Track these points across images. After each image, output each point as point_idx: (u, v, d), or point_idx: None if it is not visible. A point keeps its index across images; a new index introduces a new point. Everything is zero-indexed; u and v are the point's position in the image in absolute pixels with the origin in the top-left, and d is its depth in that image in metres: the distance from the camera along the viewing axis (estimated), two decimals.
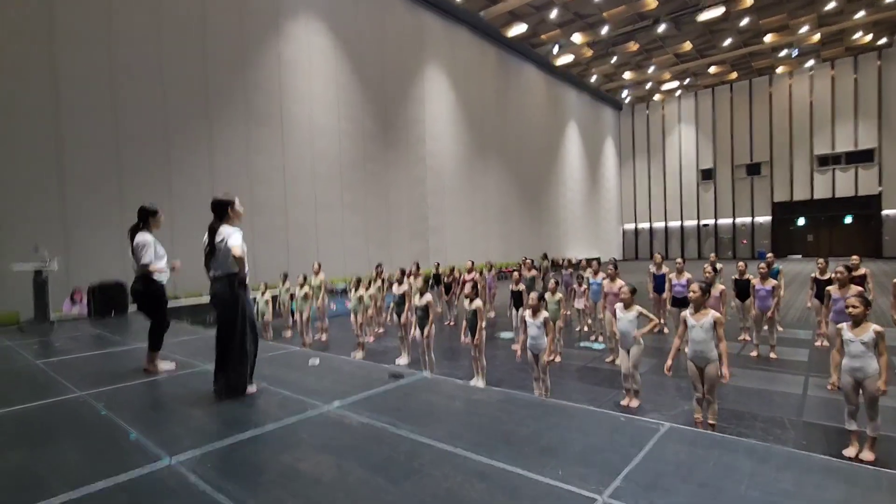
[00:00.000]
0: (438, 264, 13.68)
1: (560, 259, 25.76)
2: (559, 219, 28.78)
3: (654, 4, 20.39)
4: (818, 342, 7.49)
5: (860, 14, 22.22)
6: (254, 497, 2.08)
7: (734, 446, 2.41)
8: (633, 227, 36.42)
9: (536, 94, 26.68)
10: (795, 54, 26.32)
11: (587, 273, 8.67)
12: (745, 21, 22.28)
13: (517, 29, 22.49)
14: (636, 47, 24.97)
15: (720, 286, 6.82)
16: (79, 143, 9.98)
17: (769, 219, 30.81)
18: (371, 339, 9.03)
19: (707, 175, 32.98)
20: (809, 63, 28.69)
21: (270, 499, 2.07)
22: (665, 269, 8.59)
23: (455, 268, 11.74)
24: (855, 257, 7.30)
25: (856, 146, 27.90)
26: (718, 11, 20.84)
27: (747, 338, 7.82)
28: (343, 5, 15.67)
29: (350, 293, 8.03)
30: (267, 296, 9.39)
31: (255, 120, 13.16)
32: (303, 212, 14.35)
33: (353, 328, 7.83)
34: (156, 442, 2.69)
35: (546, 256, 14.45)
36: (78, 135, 9.97)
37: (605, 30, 22.56)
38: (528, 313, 4.82)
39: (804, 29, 23.51)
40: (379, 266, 11.89)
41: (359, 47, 16.16)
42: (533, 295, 4.79)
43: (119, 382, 4.01)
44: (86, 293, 8.64)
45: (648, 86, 32.31)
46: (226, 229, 3.29)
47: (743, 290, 7.62)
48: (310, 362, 4.59)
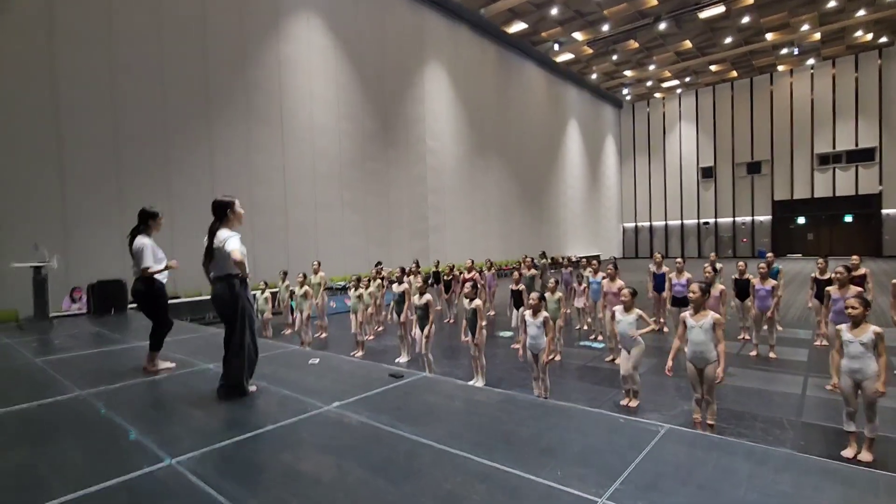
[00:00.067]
0: (438, 262, 13.69)
1: (560, 257, 25.79)
2: (559, 217, 28.77)
3: (655, 2, 20.34)
4: (817, 342, 7.50)
5: (861, 13, 22.18)
6: (254, 497, 2.09)
7: (733, 448, 2.42)
8: (634, 225, 36.41)
9: (537, 92, 26.63)
10: (796, 53, 26.28)
11: (587, 272, 8.68)
12: (745, 19, 22.24)
13: (517, 26, 22.45)
14: (636, 45, 24.93)
15: (720, 286, 6.82)
16: (78, 143, 9.97)
17: (769, 217, 30.80)
18: (371, 338, 9.04)
19: (707, 173, 32.96)
20: (810, 62, 28.64)
21: (271, 499, 2.08)
22: (665, 269, 8.59)
23: (455, 266, 11.76)
24: (855, 257, 7.30)
25: (856, 145, 27.88)
26: (719, 9, 20.81)
27: (747, 337, 7.83)
28: (343, 4, 15.62)
29: (350, 292, 8.02)
30: (266, 293, 9.42)
31: (254, 119, 13.14)
32: (302, 211, 14.35)
33: (353, 328, 7.83)
34: (156, 442, 2.70)
35: (545, 255, 14.45)
36: (78, 134, 9.95)
37: (605, 27, 22.52)
38: (529, 313, 4.84)
39: (805, 27, 23.47)
40: (378, 264, 11.92)
41: (359, 46, 16.13)
42: (534, 295, 4.80)
43: (119, 381, 4.02)
44: (85, 291, 8.67)
45: (649, 84, 32.25)
46: (223, 233, 3.30)
47: (743, 289, 7.62)
48: (309, 361, 4.60)
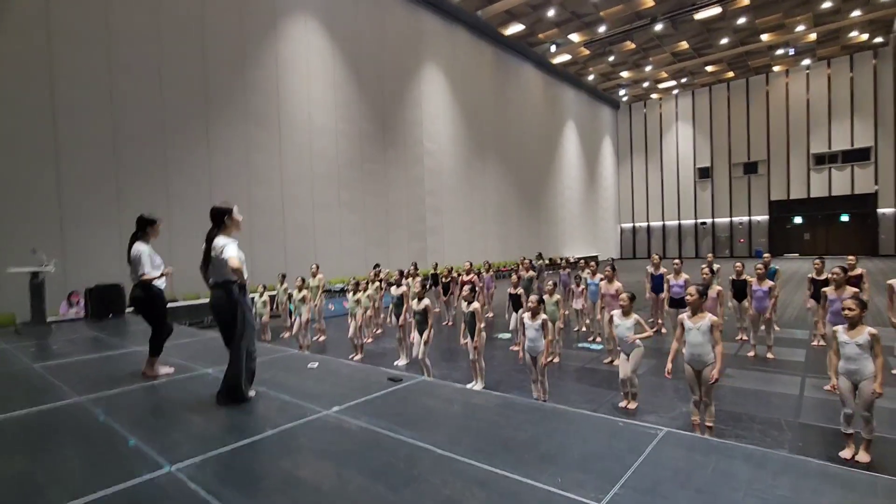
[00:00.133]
0: (437, 265, 13.70)
1: (558, 258, 25.83)
2: (557, 218, 28.82)
3: (651, 3, 20.41)
4: (815, 342, 7.53)
5: (855, 13, 22.30)
6: None
7: (731, 452, 2.43)
8: (631, 225, 36.48)
9: (534, 94, 26.68)
10: (792, 53, 26.41)
11: (585, 273, 8.69)
12: (741, 20, 22.34)
13: (514, 28, 22.49)
14: (633, 46, 25.00)
15: (717, 287, 6.85)
16: (76, 144, 9.94)
17: (766, 217, 30.92)
18: (369, 341, 9.04)
19: (704, 174, 33.07)
20: (806, 62, 28.78)
21: None
22: (663, 270, 8.62)
23: (453, 268, 11.76)
24: (851, 257, 7.33)
25: (852, 145, 28.02)
26: (715, 10, 20.89)
27: (744, 338, 7.85)
28: (341, 6, 15.63)
29: (348, 296, 8.01)
30: (265, 297, 9.41)
31: (253, 120, 13.13)
32: (301, 212, 14.34)
33: (350, 332, 7.78)
34: (155, 449, 2.70)
35: (541, 256, 14.48)
36: (76, 135, 9.92)
37: (602, 29, 22.58)
38: (527, 316, 4.85)
39: (800, 28, 23.58)
40: (377, 266, 11.92)
41: (357, 47, 16.13)
42: (533, 298, 4.81)
43: (117, 387, 4.01)
44: (83, 295, 8.63)
45: (646, 84, 32.35)
46: (221, 241, 3.30)
47: (740, 290, 7.65)
48: (308, 366, 4.60)
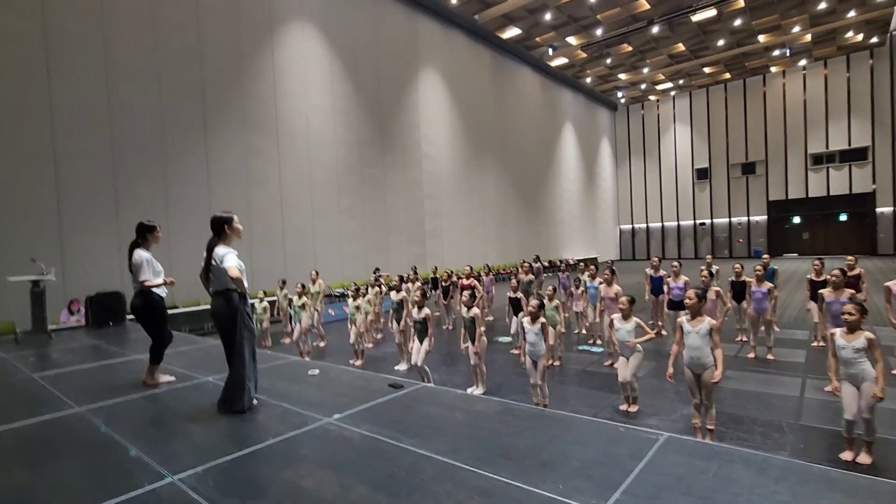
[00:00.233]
0: (436, 269, 13.71)
1: (558, 261, 25.85)
2: (556, 220, 28.85)
3: (648, 6, 20.50)
4: (815, 343, 7.54)
5: (851, 14, 22.40)
6: None
7: (732, 456, 2.43)
8: (630, 227, 36.52)
9: (532, 96, 26.76)
10: (788, 54, 26.50)
11: (584, 276, 8.70)
12: (737, 22, 22.43)
13: (511, 32, 22.57)
14: (630, 49, 25.09)
15: (715, 288, 6.86)
16: (75, 152, 9.95)
17: (765, 217, 30.96)
18: (370, 346, 9.04)
19: (703, 174, 33.13)
20: (802, 63, 28.88)
21: None
22: (662, 272, 8.63)
23: (453, 272, 11.76)
24: (850, 257, 7.34)
25: (849, 144, 28.10)
26: (711, 13, 20.98)
27: (744, 339, 7.86)
28: (338, 12, 15.69)
29: (348, 301, 8.01)
30: (265, 303, 9.40)
31: (251, 126, 13.15)
32: (300, 217, 14.35)
33: (351, 338, 7.80)
34: (157, 459, 2.69)
35: (538, 258, 14.51)
36: (74, 143, 9.93)
37: (599, 32, 22.66)
38: (527, 320, 4.84)
39: (796, 29, 23.68)
40: (377, 271, 11.92)
41: (354, 53, 16.18)
42: (533, 302, 4.81)
43: (118, 396, 4.00)
44: (83, 303, 8.63)
45: (643, 86, 32.44)
46: (221, 251, 3.31)
47: (739, 292, 7.66)
48: (309, 373, 4.60)
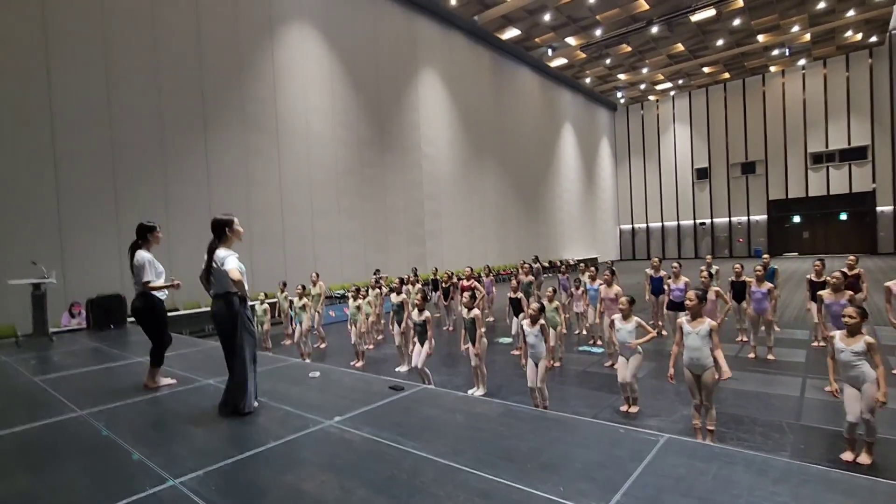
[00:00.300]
0: (436, 270, 13.72)
1: (558, 261, 25.85)
2: (556, 220, 28.86)
3: (647, 6, 20.52)
4: (815, 343, 7.54)
5: (850, 13, 22.42)
6: None
7: (732, 458, 2.44)
8: (630, 227, 36.52)
9: (531, 97, 26.78)
10: (787, 54, 26.51)
11: (585, 277, 8.70)
12: (736, 21, 22.45)
13: (511, 33, 22.59)
14: (629, 49, 25.10)
15: (715, 288, 6.86)
16: (75, 155, 9.96)
17: (765, 217, 30.95)
18: (371, 347, 9.04)
19: (702, 174, 33.13)
20: (801, 62, 28.89)
21: None
22: (663, 273, 8.63)
23: (454, 273, 11.76)
24: (852, 257, 7.35)
25: (849, 144, 28.10)
26: (710, 13, 21.00)
27: (745, 339, 7.86)
28: (337, 13, 15.70)
29: (349, 302, 8.02)
30: (265, 305, 9.39)
31: (250, 127, 13.17)
32: (300, 218, 14.36)
33: (352, 338, 7.82)
34: (158, 463, 2.70)
35: (537, 259, 14.52)
36: (74, 146, 9.94)
37: (598, 32, 22.68)
38: (527, 322, 4.84)
39: (795, 28, 23.70)
40: (377, 272, 11.93)
41: (353, 54, 16.20)
42: (534, 305, 4.80)
43: (119, 400, 4.01)
44: (84, 306, 8.64)
45: (643, 86, 32.46)
46: (221, 253, 3.33)
47: (739, 292, 7.66)
48: (310, 375, 4.60)
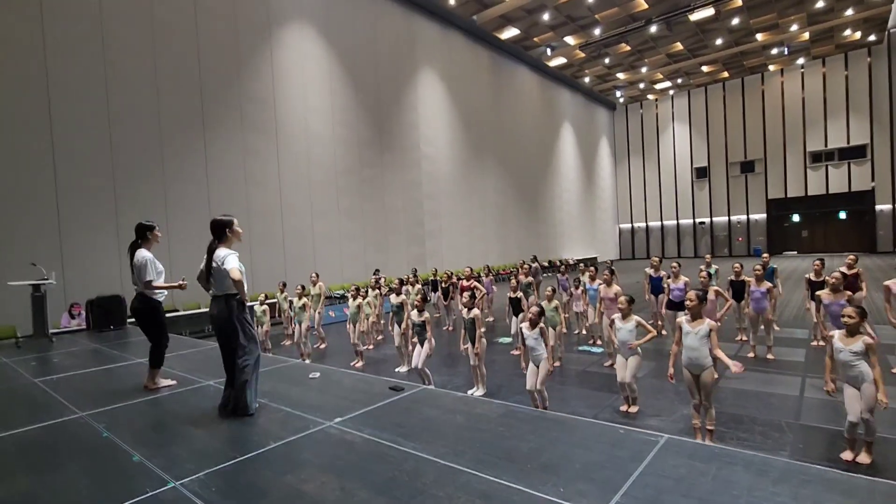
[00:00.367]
0: (436, 270, 13.72)
1: (557, 261, 25.87)
2: (556, 219, 28.87)
3: (646, 6, 20.52)
4: (814, 342, 7.55)
5: (849, 12, 22.43)
6: None
7: (732, 458, 2.44)
8: (630, 226, 36.53)
9: (530, 96, 26.78)
10: (786, 53, 26.51)
11: (584, 277, 8.70)
12: (735, 20, 22.45)
13: (510, 32, 22.58)
14: (628, 48, 25.10)
15: (714, 288, 6.87)
16: (74, 156, 9.95)
17: (764, 216, 30.97)
18: (370, 347, 9.05)
19: (702, 173, 33.15)
20: (800, 61, 28.90)
21: None
22: (662, 272, 8.64)
23: (453, 273, 11.77)
24: (851, 257, 7.36)
25: (848, 142, 28.11)
26: (709, 12, 21.00)
27: (744, 338, 7.87)
28: (336, 13, 15.69)
29: (349, 301, 8.02)
30: (265, 306, 9.39)
31: (249, 128, 13.16)
32: (299, 219, 14.36)
33: (352, 338, 7.82)
34: (159, 464, 2.70)
35: (535, 259, 14.55)
36: (73, 147, 9.93)
37: (597, 31, 22.68)
38: (526, 325, 4.81)
39: (794, 27, 23.71)
40: (377, 272, 11.93)
41: (353, 54, 16.19)
42: (533, 309, 4.78)
43: (120, 401, 4.01)
44: (84, 307, 8.64)
45: (642, 86, 32.46)
46: (222, 252, 3.33)
47: (738, 291, 7.67)
48: (310, 376, 4.60)
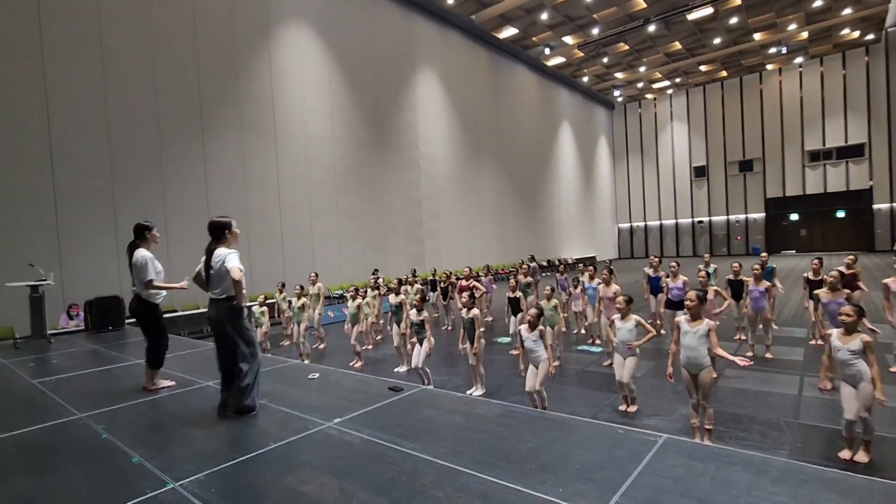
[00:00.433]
0: (435, 271, 13.72)
1: (556, 260, 25.89)
2: (554, 219, 28.88)
3: (644, 5, 20.52)
4: (813, 341, 7.56)
5: (847, 11, 22.46)
6: None
7: (731, 458, 2.45)
8: (629, 225, 36.56)
9: (529, 96, 26.77)
10: (784, 52, 26.54)
11: (583, 277, 8.71)
12: (733, 20, 22.48)
13: (508, 32, 22.57)
14: (626, 48, 25.12)
15: (712, 288, 6.89)
16: (72, 157, 9.93)
17: (762, 215, 31.01)
18: (370, 348, 9.05)
19: (700, 172, 33.18)
20: (798, 60, 28.94)
21: None
22: (661, 272, 8.65)
23: (452, 273, 11.77)
24: (850, 256, 7.38)
25: (846, 141, 28.16)
26: (707, 11, 21.02)
27: (743, 337, 7.88)
28: (333, 13, 15.67)
29: (348, 302, 8.02)
30: (264, 307, 9.37)
31: (248, 128, 13.14)
32: (298, 218, 14.35)
33: (352, 338, 7.82)
34: (158, 465, 2.70)
35: (533, 258, 14.57)
36: (71, 148, 9.91)
37: (595, 31, 22.68)
38: (525, 328, 4.79)
39: (792, 27, 23.74)
40: (375, 272, 11.92)
41: (351, 53, 16.18)
42: (532, 311, 4.77)
43: (119, 402, 4.01)
44: (82, 307, 8.62)
45: (640, 85, 32.47)
46: (223, 251, 3.33)
47: (737, 290, 7.68)
48: (309, 376, 4.60)
